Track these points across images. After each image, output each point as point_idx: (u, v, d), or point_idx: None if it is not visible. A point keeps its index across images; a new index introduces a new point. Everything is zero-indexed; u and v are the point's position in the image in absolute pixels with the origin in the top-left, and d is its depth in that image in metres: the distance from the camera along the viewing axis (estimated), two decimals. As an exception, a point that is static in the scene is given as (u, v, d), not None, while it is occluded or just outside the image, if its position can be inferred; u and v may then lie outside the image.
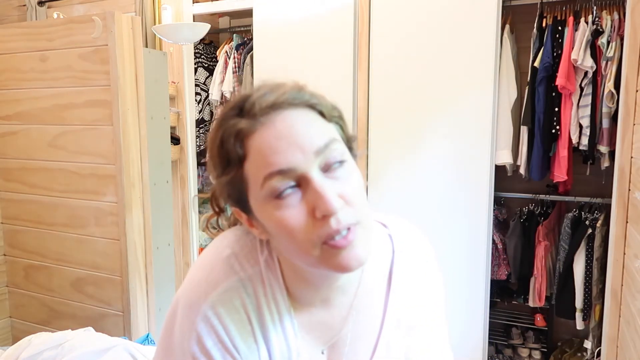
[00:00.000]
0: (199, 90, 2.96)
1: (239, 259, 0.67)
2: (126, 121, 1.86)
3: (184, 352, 0.65)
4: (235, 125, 0.58)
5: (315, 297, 0.69)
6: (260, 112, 0.58)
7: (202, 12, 2.71)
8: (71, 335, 1.53)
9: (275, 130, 0.57)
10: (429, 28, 2.21)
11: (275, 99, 0.58)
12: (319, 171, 0.58)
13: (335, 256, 0.58)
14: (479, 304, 2.23)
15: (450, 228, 2.24)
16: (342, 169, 0.59)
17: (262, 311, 0.66)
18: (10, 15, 3.12)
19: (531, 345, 2.63)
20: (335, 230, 0.57)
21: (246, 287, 0.66)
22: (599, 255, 2.21)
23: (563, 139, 2.20)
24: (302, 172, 0.57)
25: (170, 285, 2.36)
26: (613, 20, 2.07)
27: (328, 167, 0.58)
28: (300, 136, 0.57)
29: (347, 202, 0.58)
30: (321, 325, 0.70)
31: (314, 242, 0.57)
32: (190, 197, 2.74)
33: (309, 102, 0.60)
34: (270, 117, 0.58)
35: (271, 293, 0.67)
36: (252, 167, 0.58)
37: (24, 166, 2.08)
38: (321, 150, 0.57)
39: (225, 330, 0.64)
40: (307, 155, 0.57)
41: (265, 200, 0.58)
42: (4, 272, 2.20)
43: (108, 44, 1.82)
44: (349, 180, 0.59)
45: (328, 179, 0.58)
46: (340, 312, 0.70)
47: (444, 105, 2.21)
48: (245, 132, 0.58)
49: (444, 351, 0.78)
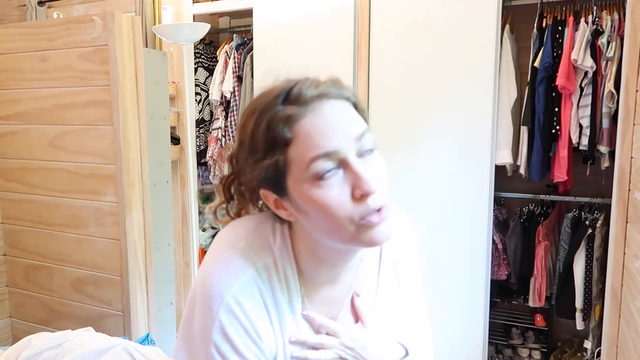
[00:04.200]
0: (199, 90, 2.96)
1: (254, 249, 0.71)
2: (126, 121, 1.86)
3: (204, 342, 0.68)
4: (284, 111, 0.63)
5: (326, 276, 0.75)
6: (309, 100, 0.63)
7: (202, 12, 2.71)
8: (71, 335, 1.52)
9: (324, 117, 0.63)
10: (429, 28, 2.21)
11: (322, 90, 0.65)
12: (356, 156, 0.64)
13: (368, 232, 0.65)
14: (479, 304, 2.23)
15: (451, 228, 2.24)
16: (372, 156, 0.66)
17: (276, 296, 0.72)
18: (10, 15, 3.12)
19: (531, 345, 2.63)
20: (372, 209, 0.64)
21: (261, 275, 0.71)
22: (599, 255, 2.21)
23: (563, 139, 2.20)
24: (344, 155, 0.63)
25: (170, 285, 2.36)
26: (613, 20, 2.07)
27: (362, 153, 0.65)
28: (344, 124, 0.64)
29: (378, 185, 0.65)
30: (327, 301, 0.77)
31: (352, 218, 0.64)
32: (190, 197, 2.74)
33: (346, 96, 0.67)
34: (318, 105, 0.64)
35: (285, 279, 0.72)
36: (298, 150, 0.63)
37: (24, 166, 2.08)
38: (359, 138, 0.64)
39: (247, 317, 0.69)
40: (349, 141, 0.63)
41: (309, 181, 0.63)
42: (4, 272, 2.20)
43: (108, 44, 1.82)
44: (378, 166, 0.66)
45: (363, 163, 0.64)
46: (343, 287, 0.78)
47: (443, 105, 2.21)
48: (295, 118, 0.63)
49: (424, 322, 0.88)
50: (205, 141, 3.01)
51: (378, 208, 0.64)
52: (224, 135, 2.89)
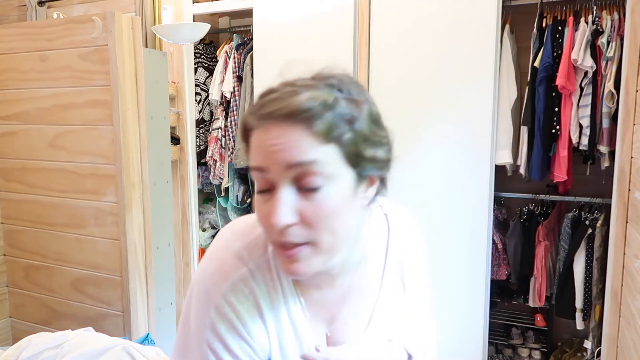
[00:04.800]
0: (199, 90, 2.96)
1: (248, 250, 0.72)
2: (126, 121, 1.86)
3: (199, 339, 0.70)
4: (247, 116, 0.65)
5: (320, 277, 0.74)
6: (259, 117, 0.63)
7: (202, 12, 2.71)
8: (71, 335, 1.52)
9: (264, 136, 0.62)
10: (428, 28, 2.21)
11: (273, 109, 0.61)
12: (291, 183, 0.62)
13: (281, 259, 0.65)
14: (479, 304, 2.23)
15: (450, 228, 2.24)
16: (316, 189, 0.61)
17: (270, 297, 0.72)
18: (10, 15, 3.12)
19: (531, 345, 2.63)
20: (279, 242, 0.63)
21: (254, 276, 0.71)
22: (599, 255, 2.21)
23: (563, 139, 2.20)
24: (273, 179, 0.62)
25: (170, 285, 2.36)
26: (613, 20, 2.07)
27: (301, 183, 0.61)
28: (279, 149, 0.61)
29: (304, 221, 0.62)
30: (324, 303, 0.77)
31: (270, 238, 0.66)
32: (190, 197, 2.74)
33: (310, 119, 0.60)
34: (268, 124, 0.62)
35: (278, 279, 0.72)
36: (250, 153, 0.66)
37: (24, 166, 2.08)
38: (292, 166, 0.61)
39: (237, 316, 0.70)
40: (278, 168, 0.61)
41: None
42: (4, 272, 2.20)
43: (108, 44, 1.82)
44: (318, 202, 0.61)
45: (298, 193, 0.62)
46: (341, 291, 0.77)
47: (443, 105, 2.21)
48: (249, 127, 0.65)
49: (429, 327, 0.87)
50: (205, 141, 3.01)
51: (292, 244, 0.62)
52: (224, 135, 2.89)
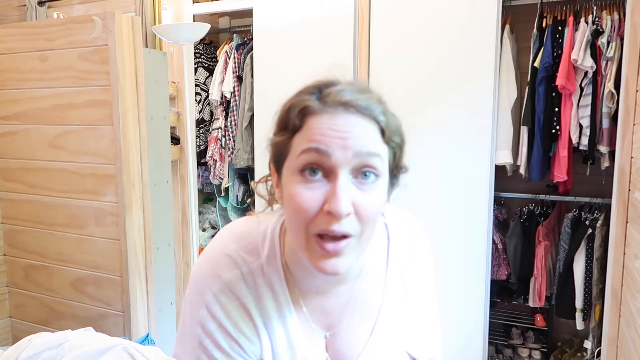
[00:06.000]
0: (199, 90, 2.96)
1: (242, 253, 0.73)
2: (126, 121, 1.86)
3: (192, 336, 0.72)
4: (306, 101, 0.63)
5: (317, 285, 0.74)
6: (331, 103, 0.62)
7: (202, 12, 2.71)
8: (71, 335, 1.52)
9: (334, 123, 0.61)
10: (428, 29, 2.21)
11: (349, 99, 0.62)
12: (349, 174, 0.61)
13: (318, 253, 0.63)
14: (479, 304, 2.23)
15: (450, 228, 2.24)
16: (370, 182, 0.62)
17: (262, 301, 0.72)
18: (10, 15, 3.12)
19: (531, 345, 2.63)
20: (330, 230, 0.61)
21: (247, 280, 0.72)
22: (599, 255, 2.21)
23: (563, 139, 2.20)
24: (334, 164, 0.60)
25: (170, 285, 2.36)
26: (613, 20, 2.07)
27: (358, 173, 0.62)
28: (350, 136, 0.61)
29: (357, 213, 0.62)
30: (323, 311, 0.76)
31: (309, 228, 0.62)
32: (190, 197, 2.74)
33: (376, 117, 0.63)
34: (337, 111, 0.61)
35: (271, 285, 0.73)
36: (299, 139, 0.63)
37: (24, 166, 2.08)
38: (360, 155, 0.61)
39: (227, 316, 0.71)
40: (347, 154, 0.60)
41: (295, 172, 0.63)
42: (4, 272, 2.20)
43: (108, 44, 1.82)
44: (370, 195, 0.63)
45: (353, 184, 0.62)
46: (342, 299, 0.76)
47: (443, 106, 2.21)
48: (311, 110, 0.62)
49: (435, 334, 0.86)
50: (205, 141, 3.01)
51: (338, 235, 0.61)
52: (224, 135, 2.89)
